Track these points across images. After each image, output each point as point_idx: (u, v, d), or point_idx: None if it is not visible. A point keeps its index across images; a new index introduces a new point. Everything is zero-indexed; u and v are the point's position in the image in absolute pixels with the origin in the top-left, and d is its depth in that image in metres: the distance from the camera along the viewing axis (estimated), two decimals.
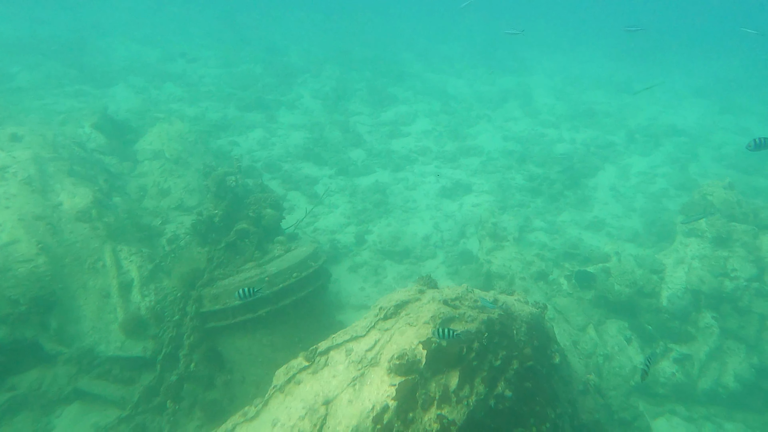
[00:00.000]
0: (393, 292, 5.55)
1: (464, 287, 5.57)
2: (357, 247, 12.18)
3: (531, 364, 5.59)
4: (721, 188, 10.22)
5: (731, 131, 24.56)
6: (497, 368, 5.27)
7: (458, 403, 4.83)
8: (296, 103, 23.01)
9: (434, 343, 4.89)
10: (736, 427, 8.14)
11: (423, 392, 4.72)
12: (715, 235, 9.60)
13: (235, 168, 9.49)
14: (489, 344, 5.29)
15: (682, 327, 8.97)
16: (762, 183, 18.54)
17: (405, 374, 4.69)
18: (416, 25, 48.55)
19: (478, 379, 5.09)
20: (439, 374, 4.88)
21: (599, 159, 18.72)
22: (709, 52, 44.28)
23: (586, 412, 6.17)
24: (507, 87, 29.00)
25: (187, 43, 34.63)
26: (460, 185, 15.33)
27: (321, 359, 4.99)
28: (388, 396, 4.54)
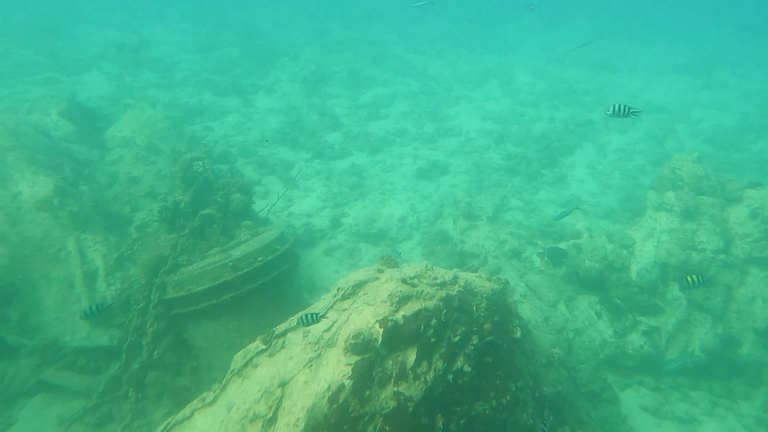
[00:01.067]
0: (353, 272, 5.53)
1: (424, 265, 5.58)
2: (332, 231, 12.15)
3: (491, 339, 5.64)
4: (690, 162, 10.29)
5: (710, 107, 24.68)
6: (456, 344, 5.32)
7: (415, 379, 4.87)
8: (274, 87, 22.71)
9: (390, 322, 4.90)
10: (702, 395, 8.34)
11: (380, 370, 4.75)
12: (683, 208, 9.71)
13: (203, 153, 9.37)
14: (448, 321, 5.32)
15: (650, 300, 9.11)
16: (737, 157, 18.74)
17: (361, 353, 4.70)
18: (400, 5, 47.77)
19: (437, 356, 5.13)
20: (396, 352, 4.91)
21: (577, 137, 18.77)
22: (694, 28, 44.28)
23: (549, 384, 6.26)
24: (488, 67, 28.80)
25: (165, 28, 33.99)
26: (437, 166, 15.30)
27: (278, 342, 4.99)
28: (344, 375, 4.55)
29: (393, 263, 5.86)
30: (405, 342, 4.97)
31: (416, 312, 5.09)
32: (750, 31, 40.89)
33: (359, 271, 5.53)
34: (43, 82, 18.71)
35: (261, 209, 10.33)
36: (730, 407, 8.17)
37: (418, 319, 5.07)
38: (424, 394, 4.82)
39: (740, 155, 18.85)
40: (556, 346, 6.88)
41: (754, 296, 8.78)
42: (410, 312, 5.05)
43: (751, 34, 39.96)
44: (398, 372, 4.82)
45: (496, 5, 50.27)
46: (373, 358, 4.74)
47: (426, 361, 5.02)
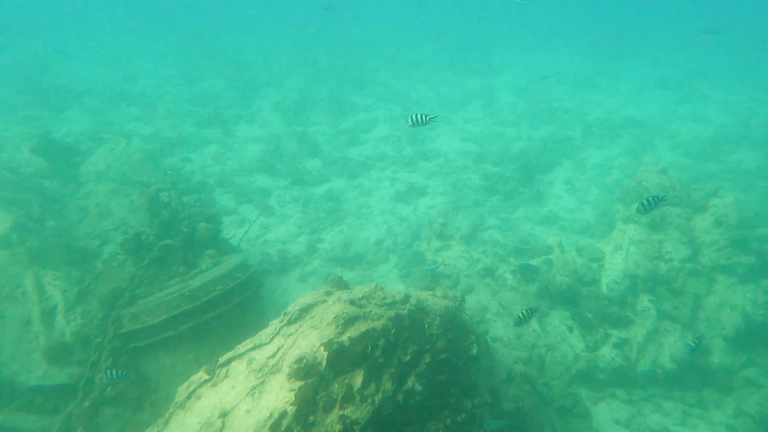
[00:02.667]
0: (300, 296, 5.53)
1: (373, 285, 5.59)
2: (308, 257, 12.15)
3: (444, 357, 5.61)
4: (655, 173, 10.43)
5: (689, 119, 25.02)
6: (407, 363, 5.29)
7: (362, 402, 4.83)
8: (256, 116, 22.98)
9: (335, 344, 4.88)
10: (674, 405, 8.26)
11: (324, 394, 4.70)
12: (650, 219, 9.78)
13: (169, 184, 9.44)
14: (397, 340, 5.30)
15: (621, 312, 9.10)
16: (714, 168, 18.95)
17: (305, 378, 4.67)
18: (387, 32, 48.86)
19: (386, 376, 5.09)
20: (342, 375, 4.88)
21: (556, 154, 18.97)
22: (678, 43, 45.15)
23: (510, 400, 6.21)
24: (471, 89, 29.29)
25: (152, 62, 34.60)
26: (415, 189, 15.41)
27: (222, 371, 4.96)
28: (286, 402, 4.51)
29: (343, 285, 5.86)
30: (351, 364, 4.94)
31: (363, 333, 5.07)
32: (733, 44, 41.89)
33: (307, 295, 5.53)
34: (23, 120, 18.89)
35: (231, 236, 10.35)
36: (702, 416, 8.09)
37: (364, 340, 5.05)
38: (371, 416, 4.77)
39: (717, 166, 19.07)
40: (519, 362, 6.84)
41: (722, 303, 8.79)
42: (357, 333, 5.03)
43: (734, 47, 40.88)
44: (344, 395, 4.78)
45: (482, 29, 51.61)
46: (318, 382, 4.70)
47: (374, 383, 4.99)
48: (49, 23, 45.11)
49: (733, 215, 9.31)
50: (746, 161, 19.32)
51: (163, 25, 45.51)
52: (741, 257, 9.01)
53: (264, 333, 5.25)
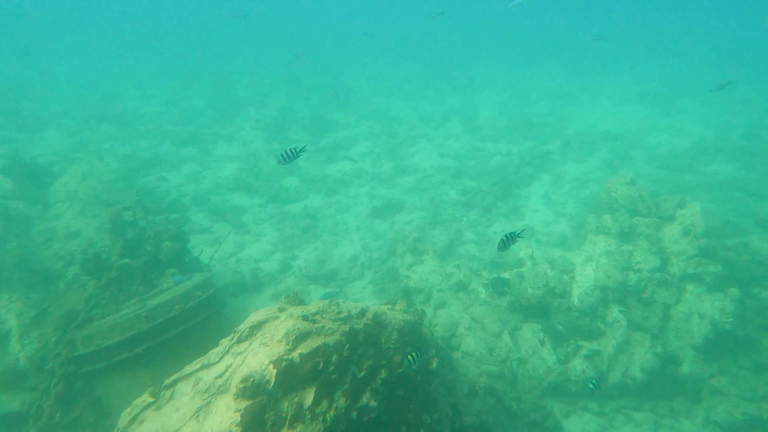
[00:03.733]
0: (253, 312, 5.42)
1: (328, 300, 5.50)
2: (281, 274, 12.01)
3: (402, 372, 5.51)
4: (624, 184, 10.51)
5: (667, 133, 25.39)
6: (362, 379, 5.18)
7: (313, 420, 4.70)
8: (235, 135, 22.96)
9: (285, 361, 4.77)
10: (645, 416, 8.19)
11: (273, 413, 4.58)
12: (620, 230, 9.83)
13: (134, 203, 9.32)
14: (352, 355, 5.20)
15: (592, 324, 9.06)
16: (691, 179, 19.20)
17: (252, 397, 4.54)
18: (373, 51, 49.47)
19: (339, 393, 4.98)
20: (292, 392, 4.75)
21: (534, 169, 19.11)
22: (661, 59, 46.08)
23: (472, 414, 6.10)
24: (453, 106, 29.58)
25: (135, 83, 34.61)
26: (392, 204, 15.39)
27: (167, 393, 4.81)
28: (232, 423, 4.37)
29: (298, 301, 5.77)
30: (303, 381, 4.83)
31: (315, 349, 4.97)
32: (716, 59, 42.96)
33: (259, 312, 5.42)
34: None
35: (199, 254, 10.20)
36: (673, 426, 8.03)
37: (316, 356, 4.95)
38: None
39: (693, 178, 19.32)
40: (484, 375, 6.74)
41: (690, 313, 8.79)
42: (308, 349, 4.93)
43: (716, 62, 41.89)
44: (294, 413, 4.66)
45: (467, 48, 52.51)
46: (266, 401, 4.58)
47: (326, 400, 4.87)
48: (32, 45, 45.11)
49: (700, 225, 9.38)
50: (722, 172, 19.61)
51: (149, 48, 45.79)
52: (709, 266, 9.05)
53: (213, 352, 5.12)
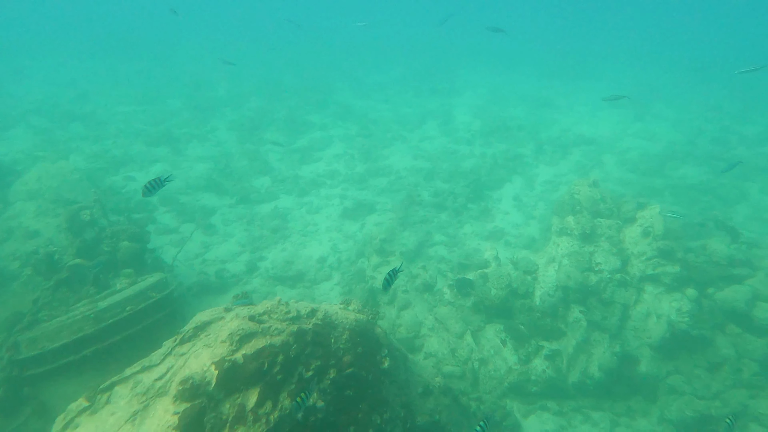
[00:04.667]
0: (198, 313, 5.34)
1: (277, 300, 5.45)
2: (247, 275, 11.89)
3: (351, 371, 5.48)
4: (587, 186, 10.65)
5: (639, 137, 25.85)
6: (309, 379, 5.13)
7: (256, 421, 4.64)
8: (209, 135, 22.70)
9: (227, 362, 4.70)
10: (603, 415, 8.29)
11: (213, 416, 4.50)
12: (581, 231, 9.95)
13: (91, 202, 9.13)
14: (299, 356, 5.15)
15: (553, 324, 9.15)
16: (660, 183, 19.55)
17: (191, 399, 4.46)
18: (357, 55, 49.58)
19: (284, 394, 4.92)
20: (235, 394, 4.68)
21: (507, 171, 19.26)
22: (639, 65, 46.91)
23: (425, 414, 6.10)
24: (430, 108, 29.70)
25: (112, 83, 34.09)
26: (363, 206, 15.36)
27: (103, 397, 4.70)
28: (169, 426, 4.29)
29: (248, 301, 5.69)
30: (246, 382, 4.76)
31: (260, 349, 4.91)
32: (692, 65, 43.94)
33: (205, 312, 5.34)
34: None
35: (157, 250, 10.02)
36: (629, 425, 8.13)
37: (261, 356, 4.89)
38: None
39: (662, 181, 19.67)
40: (439, 375, 6.74)
41: (648, 313, 8.93)
42: (253, 350, 4.87)
43: (692, 68, 42.83)
44: (236, 415, 4.59)
45: (449, 52, 52.91)
46: (206, 403, 4.50)
47: (270, 401, 4.81)
48: (6, 44, 44.21)
49: (659, 226, 9.54)
50: (690, 176, 20.03)
51: (128, 48, 45.24)
52: (667, 267, 9.21)
53: (156, 354, 5.02)
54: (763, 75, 42.29)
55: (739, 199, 17.95)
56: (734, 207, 17.50)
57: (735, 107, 31.60)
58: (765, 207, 17.42)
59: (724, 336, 8.50)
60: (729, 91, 36.09)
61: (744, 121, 27.39)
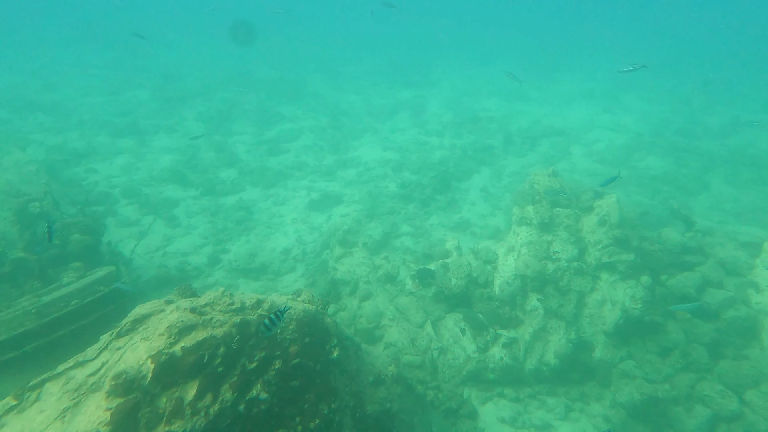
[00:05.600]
0: (138, 305, 5.22)
1: (221, 291, 5.37)
2: (210, 268, 11.73)
3: (298, 362, 5.45)
4: (546, 176, 10.77)
5: (607, 129, 26.23)
6: (252, 371, 5.08)
7: (194, 414, 4.57)
8: (177, 126, 22.27)
9: (165, 355, 4.61)
10: (558, 400, 8.44)
11: (148, 410, 4.41)
12: (540, 221, 10.06)
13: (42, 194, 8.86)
14: (242, 347, 5.10)
15: (511, 312, 9.26)
16: (624, 173, 19.82)
17: (125, 395, 4.36)
18: (335, 47, 49.14)
19: (226, 386, 4.86)
20: (172, 387, 4.60)
21: (475, 162, 19.38)
22: (614, 56, 47.51)
23: (376, 402, 6.12)
24: (403, 100, 29.64)
25: (79, 73, 33.21)
26: (330, 197, 15.28)
27: (32, 394, 4.57)
28: (101, 422, 4.18)
29: (190, 293, 5.60)
30: (185, 375, 4.68)
31: (200, 342, 4.83)
32: (665, 59, 44.77)
33: (145, 305, 5.23)
34: None
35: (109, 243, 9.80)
36: (583, 410, 8.31)
37: (201, 348, 4.81)
38: (203, 430, 4.53)
39: (627, 172, 19.99)
40: (392, 364, 6.76)
41: (604, 300, 9.12)
42: (192, 342, 4.79)
43: (665, 62, 43.62)
44: (173, 409, 4.51)
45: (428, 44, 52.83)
46: (140, 397, 4.41)
47: (211, 393, 4.74)
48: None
49: (615, 215, 9.72)
50: (654, 167, 20.42)
51: (99, 39, 44.07)
52: (622, 255, 9.39)
53: (91, 349, 4.91)
54: (732, 68, 43.36)
55: (701, 190, 18.40)
56: (696, 197, 17.94)
57: (702, 100, 32.33)
58: (725, 197, 17.88)
59: (675, 322, 8.73)
60: (699, 84, 36.92)
61: (710, 113, 28.06)
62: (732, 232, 11.84)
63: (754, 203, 16.93)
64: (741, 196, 17.78)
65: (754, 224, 15.12)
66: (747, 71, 40.08)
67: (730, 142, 23.39)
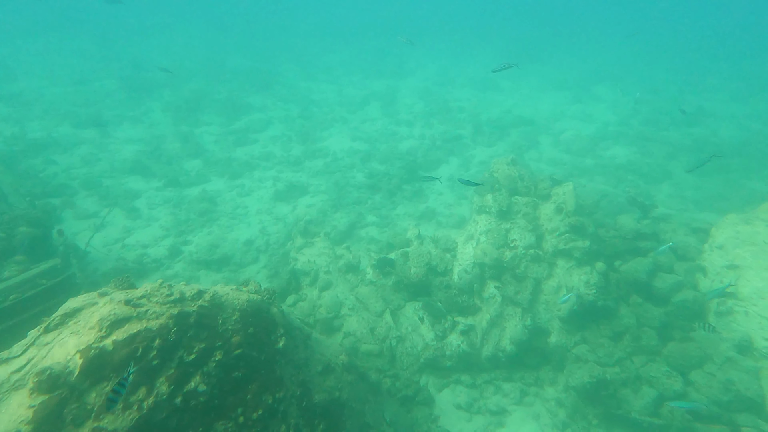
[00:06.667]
0: (70, 299, 5.09)
1: (158, 282, 5.27)
2: (169, 260, 11.54)
3: (240, 353, 5.40)
4: (505, 165, 10.85)
5: (576, 119, 26.54)
6: (191, 363, 5.01)
7: (126, 409, 4.49)
8: (143, 117, 21.77)
9: (94, 349, 4.51)
10: (513, 386, 8.58)
11: (75, 407, 4.31)
12: (499, 209, 10.14)
13: None
14: (180, 339, 5.02)
15: (469, 300, 9.34)
16: (590, 162, 20.18)
17: (49, 391, 4.25)
18: (311, 36, 48.55)
19: (162, 379, 4.79)
20: (103, 382, 4.51)
21: (444, 152, 19.42)
22: (588, 47, 47.96)
23: (324, 391, 6.12)
24: (375, 90, 29.47)
25: (45, 63, 32.16)
26: (296, 188, 15.15)
27: None
28: (22, 421, 4.07)
29: (128, 285, 5.49)
30: (116, 369, 4.58)
31: (133, 334, 4.74)
32: (640, 50, 45.43)
33: (77, 298, 5.10)
34: None
35: (70, 238, 9.55)
36: (537, 394, 8.46)
37: (135, 341, 4.72)
38: (135, 424, 4.45)
39: (592, 161, 20.31)
40: (343, 353, 6.76)
41: (559, 286, 9.26)
42: (125, 335, 4.69)
43: (640, 53, 44.26)
44: (102, 404, 4.42)
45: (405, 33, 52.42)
46: (66, 393, 4.30)
47: (145, 387, 4.66)
48: None
49: (571, 202, 9.84)
50: (619, 156, 20.76)
51: (68, 27, 42.72)
52: (578, 242, 9.53)
53: (18, 345, 4.76)
54: (701, 58, 43.98)
55: (664, 178, 18.77)
56: (658, 185, 18.29)
57: (671, 90, 32.92)
58: (687, 185, 18.27)
59: (627, 306, 8.92)
60: (670, 74, 37.57)
61: (679, 102, 28.55)
62: (689, 219, 12.15)
63: (714, 190, 17.37)
64: (702, 183, 18.20)
65: (712, 211, 15.55)
66: (718, 63, 40.95)
67: (695, 131, 23.90)
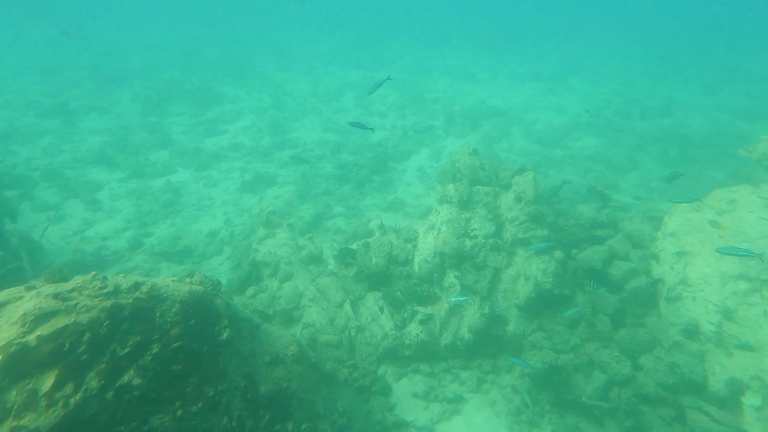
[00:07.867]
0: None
1: (91, 275, 5.14)
2: (130, 252, 11.34)
3: (180, 345, 5.32)
4: (467, 155, 10.85)
5: (548, 109, 26.70)
6: (124, 357, 4.92)
7: (51, 405, 4.37)
8: (111, 107, 21.32)
9: (15, 346, 4.39)
10: (471, 374, 8.65)
11: None
12: (460, 198, 10.16)
13: None
14: (113, 332, 4.91)
15: (429, 289, 9.37)
16: (560, 153, 20.35)
17: None
18: (291, 28, 48.03)
19: (92, 374, 4.68)
20: (25, 379, 4.39)
21: (415, 143, 19.40)
22: (566, 40, 48.24)
23: (271, 382, 6.08)
24: (352, 81, 29.29)
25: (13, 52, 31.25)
26: (264, 179, 15.00)
27: None
28: None
29: (60, 278, 5.35)
30: (40, 365, 4.46)
31: (60, 329, 4.61)
32: (616, 42, 45.90)
33: (2, 293, 4.95)
34: None
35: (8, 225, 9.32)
36: (494, 381, 8.56)
37: (62, 336, 4.60)
38: (60, 421, 4.34)
39: (562, 152, 20.48)
40: (293, 344, 6.72)
41: (518, 275, 9.34)
42: (51, 330, 4.56)
43: (616, 45, 44.69)
44: (24, 402, 4.29)
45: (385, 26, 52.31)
46: None
47: (72, 383, 4.55)
48: None
49: (530, 191, 9.90)
50: (589, 147, 20.97)
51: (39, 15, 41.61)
52: (537, 231, 9.60)
53: None
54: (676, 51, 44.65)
55: (631, 168, 19.02)
56: (625, 176, 18.53)
57: (645, 82, 33.30)
58: (653, 176, 18.54)
59: (583, 294, 9.04)
60: (645, 67, 38.03)
61: (650, 94, 28.93)
62: (649, 209, 12.33)
63: (678, 181, 17.66)
64: (667, 174, 18.47)
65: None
66: (693, 56, 41.61)
67: (664, 122, 24.25)
